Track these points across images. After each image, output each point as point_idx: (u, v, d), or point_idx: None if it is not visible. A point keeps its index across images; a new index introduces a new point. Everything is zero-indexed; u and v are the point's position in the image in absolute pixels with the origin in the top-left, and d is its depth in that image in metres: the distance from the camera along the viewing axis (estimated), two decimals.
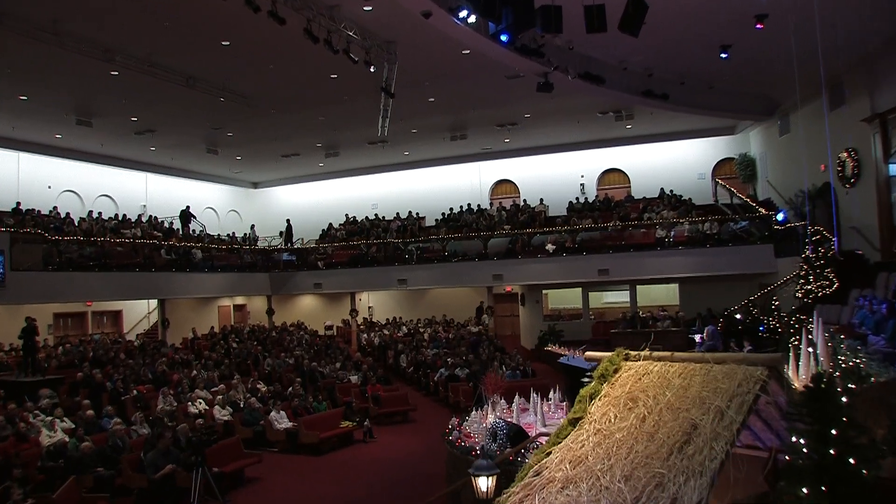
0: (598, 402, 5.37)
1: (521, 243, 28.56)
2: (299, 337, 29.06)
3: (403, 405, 19.72)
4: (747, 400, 4.50)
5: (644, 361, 5.47)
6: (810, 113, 23.38)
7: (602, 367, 5.67)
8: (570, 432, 5.30)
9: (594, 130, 29.58)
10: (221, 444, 13.90)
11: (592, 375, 13.31)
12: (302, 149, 30.68)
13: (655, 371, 5.28)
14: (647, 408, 4.97)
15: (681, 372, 5.10)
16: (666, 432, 4.67)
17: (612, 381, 5.50)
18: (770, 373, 4.62)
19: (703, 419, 4.55)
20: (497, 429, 11.10)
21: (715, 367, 4.94)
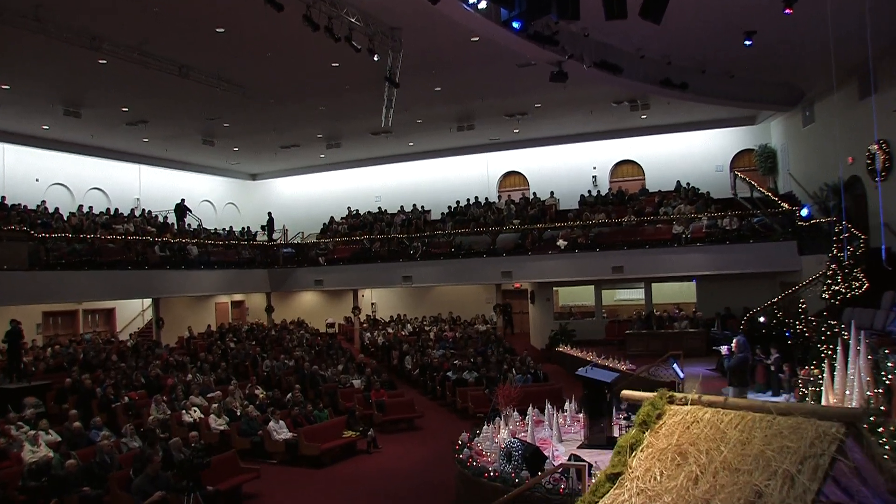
0: (640, 455, 4.76)
1: (531, 239, 27.94)
2: (300, 336, 28.55)
3: (409, 412, 19.16)
4: (822, 464, 3.89)
5: (692, 406, 4.85)
6: (837, 102, 22.66)
7: (643, 411, 5.06)
8: (608, 489, 4.70)
9: (607, 121, 28.90)
10: (217, 458, 13.36)
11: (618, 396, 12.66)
12: (302, 140, 30.07)
13: (706, 419, 4.67)
14: (700, 466, 4.36)
15: (737, 422, 4.49)
16: (724, 499, 4.07)
17: (655, 428, 4.89)
18: (847, 430, 4.01)
19: (769, 486, 3.94)
20: (512, 449, 10.54)
21: (778, 418, 4.33)
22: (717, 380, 17.96)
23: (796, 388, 14.33)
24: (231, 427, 16.43)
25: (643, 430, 4.92)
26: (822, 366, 13.24)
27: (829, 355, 13.13)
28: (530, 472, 10.16)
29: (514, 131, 30.08)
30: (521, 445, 10.51)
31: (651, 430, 4.89)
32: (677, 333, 23.38)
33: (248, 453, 15.89)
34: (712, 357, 20.75)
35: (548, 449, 11.87)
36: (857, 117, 21.62)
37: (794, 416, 4.25)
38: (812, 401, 12.36)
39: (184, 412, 16.99)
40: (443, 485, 13.57)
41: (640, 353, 23.15)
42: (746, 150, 30.03)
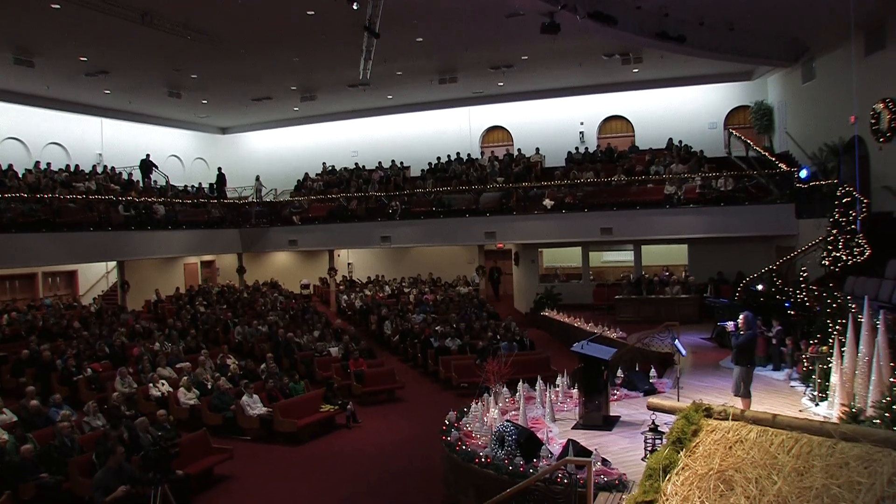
0: (675, 479, 4.23)
1: (516, 197, 27.36)
2: (273, 299, 27.90)
3: (390, 383, 18.65)
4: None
5: (734, 422, 4.32)
6: (840, 58, 22.14)
7: (677, 427, 4.52)
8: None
9: (597, 74, 28.16)
10: (187, 438, 12.82)
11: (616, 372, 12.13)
12: (275, 92, 29.10)
13: (752, 439, 4.14)
14: (750, 499, 3.84)
15: (790, 446, 3.97)
16: None
17: (690, 447, 4.35)
18: None
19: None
20: (505, 433, 10.06)
21: (841, 444, 3.81)
22: (712, 350, 17.63)
23: (799, 363, 13.99)
24: (202, 401, 15.84)
25: (677, 448, 4.39)
26: (829, 341, 12.91)
27: (838, 331, 12.77)
28: (525, 459, 9.71)
29: (499, 84, 29.27)
30: (514, 430, 10.03)
31: (686, 450, 4.36)
32: (669, 300, 23.00)
33: (219, 429, 15.37)
34: (706, 325, 20.42)
35: (541, 430, 11.42)
36: (862, 74, 21.04)
37: (862, 443, 3.73)
38: (819, 380, 12.01)
39: (151, 385, 16.39)
40: (429, 466, 13.11)
41: (631, 319, 22.78)
42: (741, 107, 29.48)
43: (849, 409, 9.20)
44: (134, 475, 10.00)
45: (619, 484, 8.83)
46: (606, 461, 9.56)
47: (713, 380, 14.52)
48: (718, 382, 14.28)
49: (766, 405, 12.00)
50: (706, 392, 13.53)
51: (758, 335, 12.33)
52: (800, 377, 13.70)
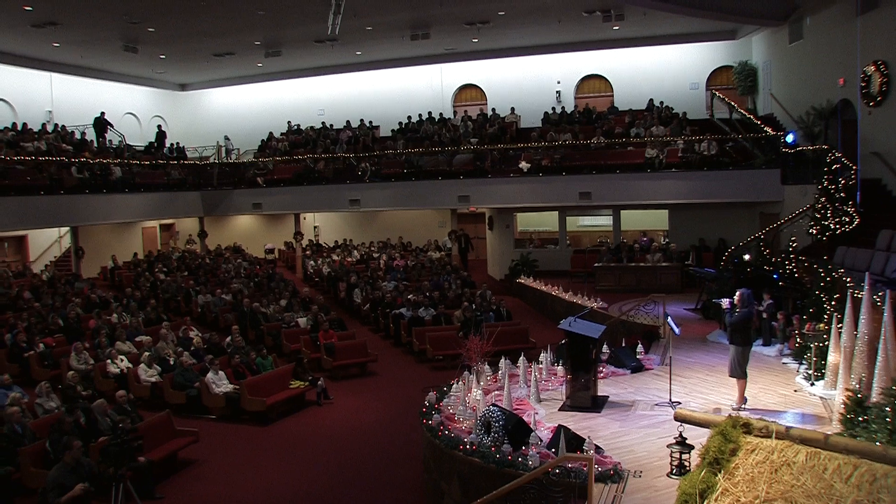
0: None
1: (490, 160, 26.83)
2: (237, 265, 27.20)
3: (362, 356, 18.18)
4: None
5: (777, 441, 3.89)
6: (830, 18, 21.79)
7: (713, 445, 4.08)
8: None
9: (576, 31, 27.59)
10: (149, 420, 12.27)
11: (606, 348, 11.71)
12: (238, 47, 28.12)
13: (801, 462, 3.72)
14: None
15: (848, 473, 3.56)
16: None
17: (729, 468, 3.93)
18: None
19: None
20: (491, 419, 9.65)
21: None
22: (698, 322, 17.36)
23: (791, 339, 13.75)
24: (164, 379, 15.25)
25: (714, 470, 3.96)
26: (824, 317, 12.65)
27: (833, 307, 12.51)
28: (513, 446, 9.33)
29: (473, 41, 28.56)
30: (501, 415, 9.62)
31: (725, 472, 3.94)
32: (650, 268, 22.70)
33: (182, 408, 14.85)
34: (689, 295, 20.17)
35: (526, 412, 11.05)
36: (852, 35, 20.72)
37: None
38: (816, 358, 11.75)
39: (109, 362, 15.73)
40: (406, 447, 12.80)
41: (610, 288, 22.50)
42: (724, 67, 29.12)
43: (854, 395, 8.90)
44: (93, 471, 9.43)
45: (615, 474, 8.49)
46: (600, 448, 9.21)
47: (701, 355, 14.24)
48: (707, 358, 14.02)
49: (758, 384, 11.75)
50: (695, 369, 13.28)
51: (754, 313, 12.02)
52: (792, 353, 13.46)
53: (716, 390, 11.90)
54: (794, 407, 10.90)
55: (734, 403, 10.93)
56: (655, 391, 12.08)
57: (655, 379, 12.89)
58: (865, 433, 8.27)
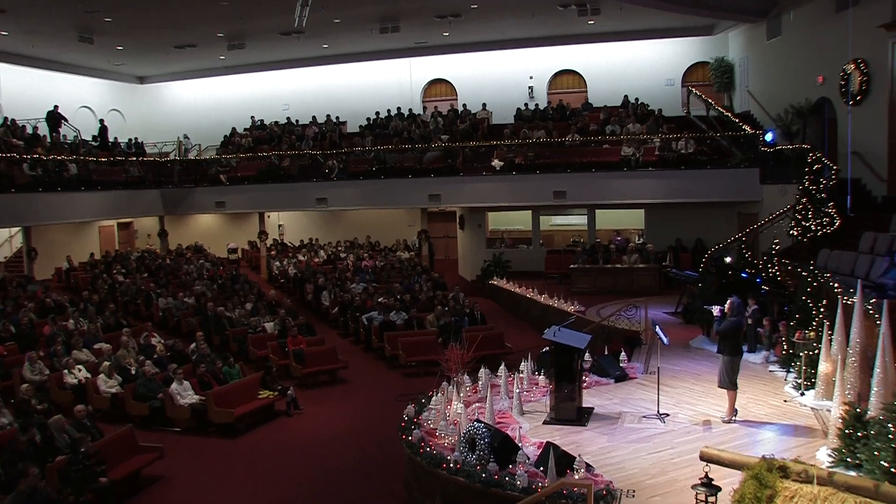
0: None
1: (462, 158, 26.54)
2: (199, 266, 26.62)
3: (332, 363, 17.78)
4: None
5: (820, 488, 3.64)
6: (809, 14, 21.79)
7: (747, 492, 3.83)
8: None
9: (550, 26, 27.39)
10: (110, 437, 11.80)
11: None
12: (199, 39, 27.53)
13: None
14: None
15: None
16: None
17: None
18: None
19: None
20: (476, 436, 9.37)
21: None
22: (679, 327, 17.18)
23: (777, 346, 13.65)
24: (125, 389, 14.74)
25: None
26: (812, 324, 12.55)
27: (822, 314, 12.41)
28: (499, 464, 9.06)
29: (444, 34, 28.21)
30: (487, 432, 9.35)
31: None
32: (627, 269, 22.56)
33: (145, 421, 14.35)
34: (668, 297, 20.06)
35: (510, 426, 10.80)
36: (831, 32, 20.77)
37: None
38: (805, 367, 11.64)
39: (66, 372, 15.17)
40: (383, 460, 12.44)
41: (586, 290, 22.30)
42: (700, 64, 29.12)
43: (852, 410, 8.75)
44: (50, 499, 8.96)
45: (608, 494, 8.25)
46: (590, 466, 8.97)
47: (686, 363, 14.09)
48: (692, 366, 13.88)
49: (746, 393, 11.60)
50: (681, 377, 13.13)
51: (744, 322, 11.87)
52: (778, 361, 13.36)
53: (703, 400, 11.74)
54: (785, 419, 10.78)
55: (724, 415, 10.79)
56: (641, 402, 11.89)
57: (640, 389, 12.71)
58: (866, 451, 8.11)
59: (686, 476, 8.90)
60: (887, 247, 15.49)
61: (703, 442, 9.99)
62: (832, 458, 8.78)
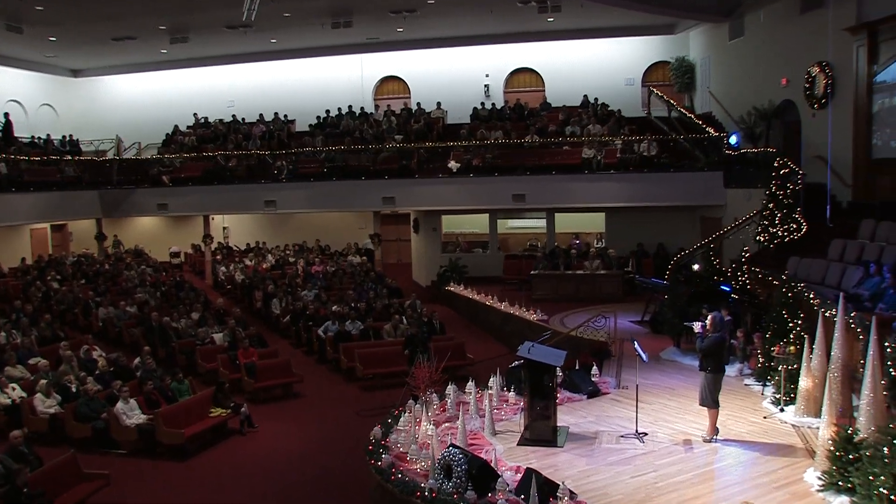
0: None
1: (416, 159, 26.22)
2: (140, 272, 25.84)
3: (286, 376, 17.30)
4: None
5: None
6: (772, 15, 21.97)
7: None
8: None
9: (507, 23, 27.23)
10: (51, 465, 11.20)
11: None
12: (139, 31, 26.71)
13: None
14: None
15: None
16: None
17: None
18: None
19: None
20: (452, 462, 9.06)
21: None
22: (647, 337, 17.04)
23: (752, 358, 13.62)
24: (65, 409, 14.09)
25: None
26: (790, 336, 12.51)
27: (800, 327, 12.39)
28: (477, 493, 8.78)
29: (398, 30, 27.87)
30: (463, 458, 9.04)
31: None
32: (590, 276, 22.48)
33: (88, 443, 13.70)
34: (632, 305, 20.01)
35: (483, 449, 10.53)
36: (796, 34, 20.97)
37: None
38: (787, 383, 11.59)
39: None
40: (345, 478, 12.09)
41: (547, 297, 22.13)
42: (660, 63, 29.25)
43: (842, 431, 8.66)
44: None
45: None
46: (574, 493, 8.73)
47: (658, 377, 13.96)
48: (665, 380, 13.76)
49: (725, 409, 11.41)
50: (655, 392, 12.99)
51: (727, 338, 11.77)
52: (753, 374, 13.33)
53: (681, 418, 11.63)
54: (766, 437, 10.71)
55: (705, 434, 10.66)
56: (617, 420, 11.72)
57: (614, 405, 12.55)
58: (861, 475, 8.02)
59: (671, 502, 8.75)
60: (857, 255, 15.65)
61: (685, 463, 9.90)
62: (822, 482, 8.71)
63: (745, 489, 9.01)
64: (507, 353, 19.32)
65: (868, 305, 12.49)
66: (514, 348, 19.16)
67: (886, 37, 17.64)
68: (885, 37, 17.68)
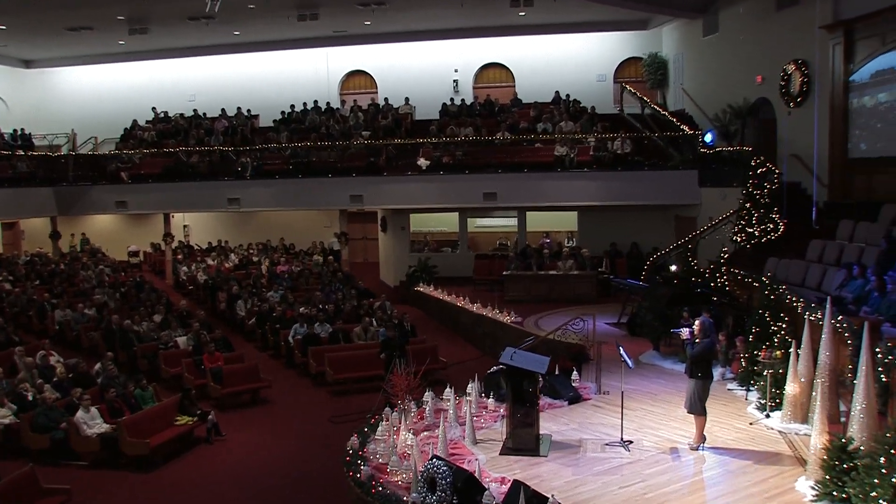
0: None
1: (385, 156, 25.94)
2: (98, 272, 25.28)
3: (254, 381, 16.98)
4: None
5: None
6: (748, 11, 22.04)
7: None
8: None
9: (478, 16, 27.02)
10: (8, 481, 10.79)
11: None
12: (97, 21, 26.03)
13: None
14: None
15: None
16: None
17: None
18: None
19: None
20: (436, 475, 8.86)
21: None
22: (625, 339, 16.90)
23: (735, 362, 13.58)
24: (21, 419, 13.64)
25: None
26: (774, 340, 12.49)
27: (784, 330, 12.37)
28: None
29: (366, 23, 27.51)
30: (448, 471, 8.84)
31: None
32: (563, 276, 22.37)
33: (46, 455, 13.28)
34: (607, 305, 19.93)
35: (465, 458, 10.33)
36: (771, 31, 21.04)
37: None
38: (772, 388, 11.54)
39: None
40: (320, 489, 11.85)
41: (520, 298, 21.97)
42: (633, 59, 29.25)
43: (836, 440, 8.60)
44: None
45: None
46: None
47: (639, 381, 13.84)
48: (647, 384, 13.67)
49: (708, 415, 11.31)
50: (637, 398, 12.87)
51: (717, 342, 11.70)
52: (736, 378, 13.29)
53: (666, 424, 11.52)
54: (753, 444, 10.64)
55: (692, 442, 10.56)
56: (601, 427, 11.59)
57: (596, 411, 12.43)
58: (858, 486, 7.95)
59: None
60: (837, 256, 15.71)
61: (673, 473, 9.80)
62: (816, 491, 8.65)
63: (736, 499, 8.93)
64: (481, 355, 19.29)
65: (852, 308, 12.49)
66: (487, 351, 19.29)
67: (863, 35, 17.76)
68: (861, 35, 17.80)
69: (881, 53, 17.19)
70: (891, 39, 16.89)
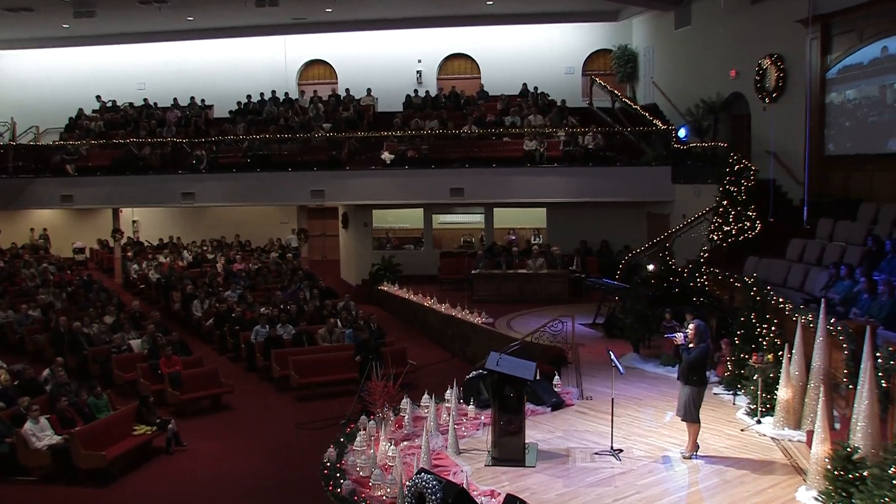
0: None
1: (347, 149, 25.52)
2: (41, 270, 24.52)
3: (215, 386, 16.50)
4: None
5: None
6: (723, 4, 22.01)
7: None
8: None
9: (442, 5, 26.84)
10: None
11: None
12: (38, 2, 25.11)
13: None
14: None
15: None
16: None
17: None
18: None
19: None
20: (425, 490, 8.54)
21: None
22: (601, 341, 16.80)
23: (720, 365, 13.49)
24: None
25: None
26: (761, 343, 12.41)
27: (774, 334, 12.28)
28: None
29: (327, 10, 27.06)
30: (437, 485, 8.54)
31: None
32: (534, 275, 22.15)
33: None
34: (580, 306, 19.75)
35: (449, 470, 10.04)
36: (746, 25, 21.09)
37: None
38: (763, 393, 11.43)
39: None
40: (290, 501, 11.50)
41: (489, 297, 21.70)
42: (602, 51, 29.19)
43: (841, 449, 8.47)
44: None
45: None
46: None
47: (622, 385, 13.57)
48: (630, 389, 13.46)
49: None
50: (622, 403, 12.60)
51: (711, 347, 11.55)
52: (722, 382, 13.17)
53: (656, 431, 11.35)
54: (747, 451, 10.50)
55: (685, 450, 10.39)
56: (587, 434, 11.38)
57: (581, 418, 12.22)
58: (865, 497, 7.83)
59: None
60: (818, 255, 15.74)
61: (668, 483, 9.62)
62: (820, 502, 8.52)
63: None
64: (450, 357, 19.09)
65: (840, 310, 12.44)
66: (457, 353, 19.05)
67: (840, 30, 17.89)
68: (838, 30, 17.93)
69: (858, 49, 17.31)
70: (868, 35, 17.02)
